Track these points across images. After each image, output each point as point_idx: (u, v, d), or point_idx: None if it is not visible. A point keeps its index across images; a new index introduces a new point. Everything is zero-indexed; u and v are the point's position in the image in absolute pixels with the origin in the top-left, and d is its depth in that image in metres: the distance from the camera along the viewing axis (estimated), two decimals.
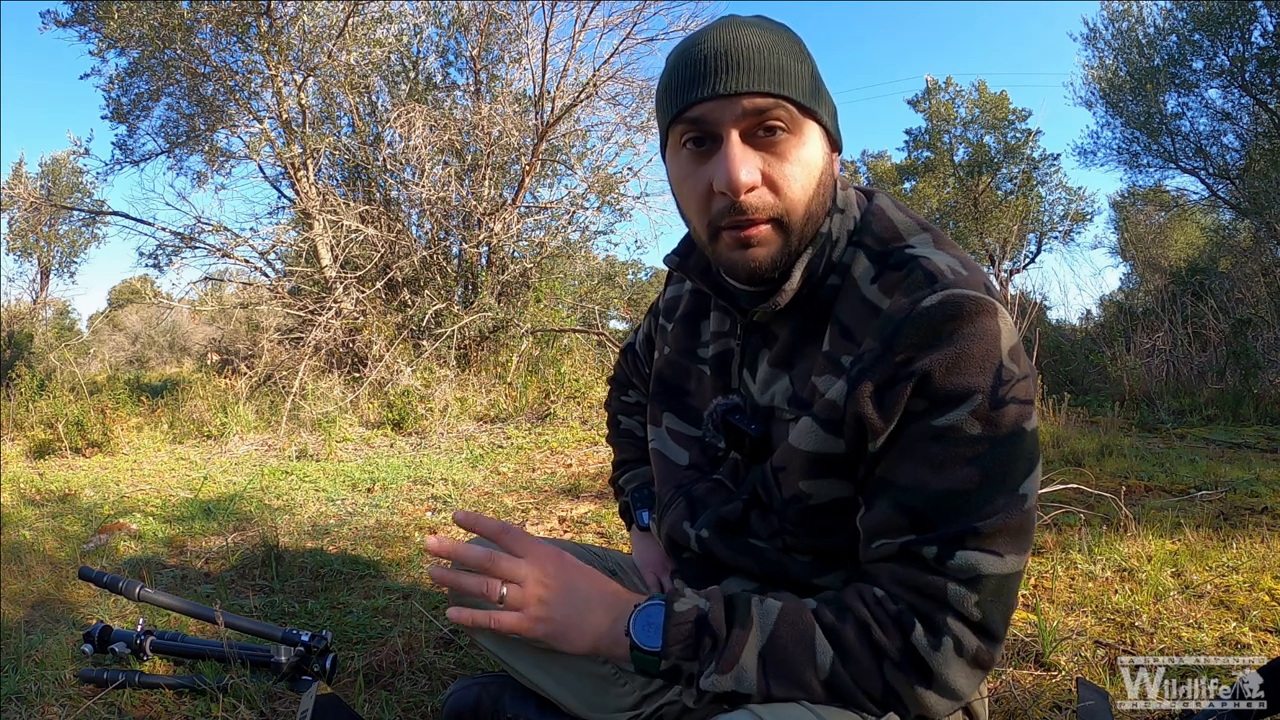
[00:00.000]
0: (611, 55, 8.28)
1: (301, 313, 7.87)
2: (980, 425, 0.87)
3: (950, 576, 0.87)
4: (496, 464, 4.80)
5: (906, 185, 23.77)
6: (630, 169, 9.43)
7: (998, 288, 0.99)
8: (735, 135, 0.94)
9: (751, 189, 0.94)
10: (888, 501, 0.92)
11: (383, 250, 8.02)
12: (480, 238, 8.36)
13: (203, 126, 9.46)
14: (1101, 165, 14.00)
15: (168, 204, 10.35)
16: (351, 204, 8.24)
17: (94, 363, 16.72)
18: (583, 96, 8.32)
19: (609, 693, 1.31)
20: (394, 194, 8.81)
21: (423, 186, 8.03)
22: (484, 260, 8.86)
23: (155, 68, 8.93)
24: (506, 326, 7.98)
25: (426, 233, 8.62)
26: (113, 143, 10.04)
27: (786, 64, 0.95)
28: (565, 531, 3.38)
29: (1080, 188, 22.38)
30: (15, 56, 45.77)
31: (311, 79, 8.60)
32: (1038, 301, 7.81)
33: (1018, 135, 21.71)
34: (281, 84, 8.62)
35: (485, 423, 6.34)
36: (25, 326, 12.95)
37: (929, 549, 0.88)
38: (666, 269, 1.29)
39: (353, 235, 8.02)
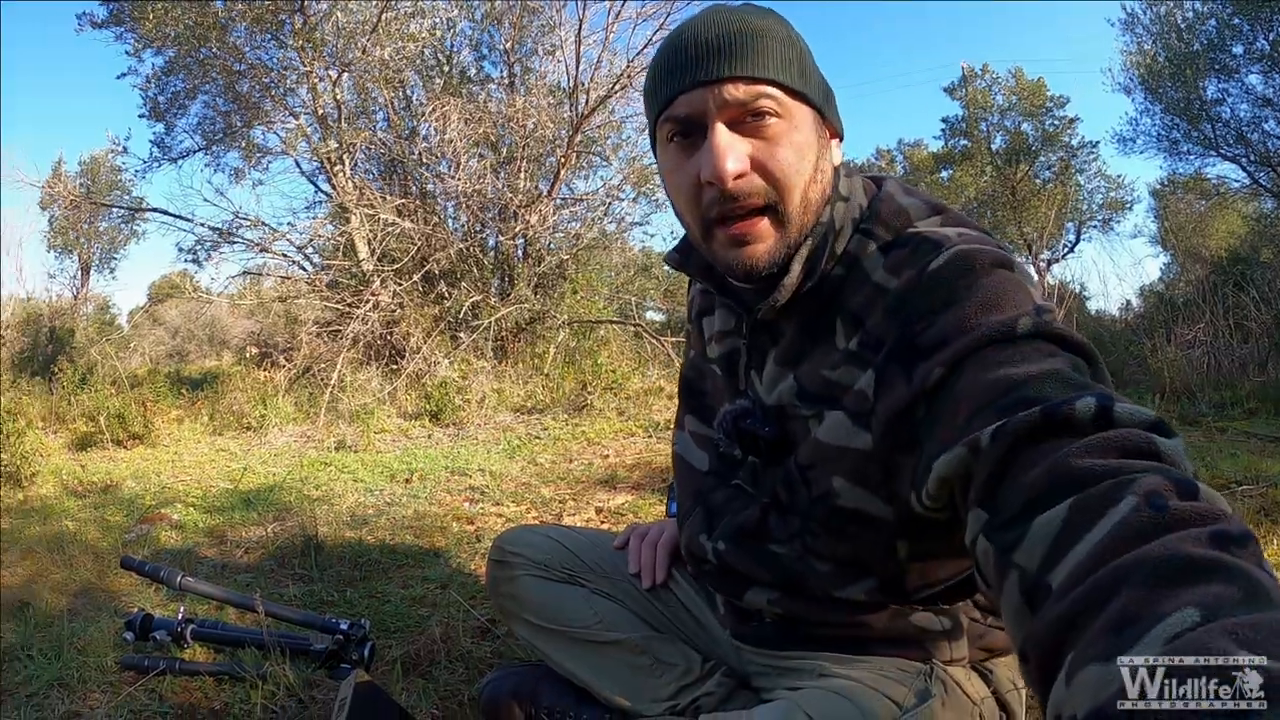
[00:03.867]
0: (645, 46, 8.23)
1: (339, 305, 7.94)
2: (1040, 340, 0.75)
3: (1135, 424, 0.62)
4: (534, 455, 4.80)
5: (944, 174, 23.36)
6: None
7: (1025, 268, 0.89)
8: (720, 124, 0.91)
9: (740, 176, 0.90)
10: (982, 410, 0.71)
11: (419, 243, 8.07)
12: (516, 230, 8.38)
13: (239, 123, 9.73)
14: (1141, 153, 13.60)
15: (206, 200, 10.58)
16: (388, 198, 8.31)
17: (135, 356, 17.07)
18: (616, 88, 8.30)
19: (646, 683, 1.30)
20: (430, 187, 8.86)
21: (458, 179, 8.06)
22: (520, 252, 8.89)
23: (191, 66, 9.16)
24: (543, 318, 8.00)
25: (463, 225, 8.66)
26: (150, 141, 10.35)
27: (771, 47, 0.92)
28: (602, 522, 3.37)
29: (1119, 176, 21.67)
30: (51, 56, 46.69)
31: (346, 74, 8.73)
32: (1076, 291, 7.65)
33: (1055, 122, 21.19)
34: (316, 80, 8.78)
35: (522, 414, 6.34)
36: (67, 322, 13.18)
37: (1083, 403, 0.63)
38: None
39: (389, 229, 8.08)
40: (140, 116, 10.07)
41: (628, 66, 8.30)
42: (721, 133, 0.90)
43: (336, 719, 1.37)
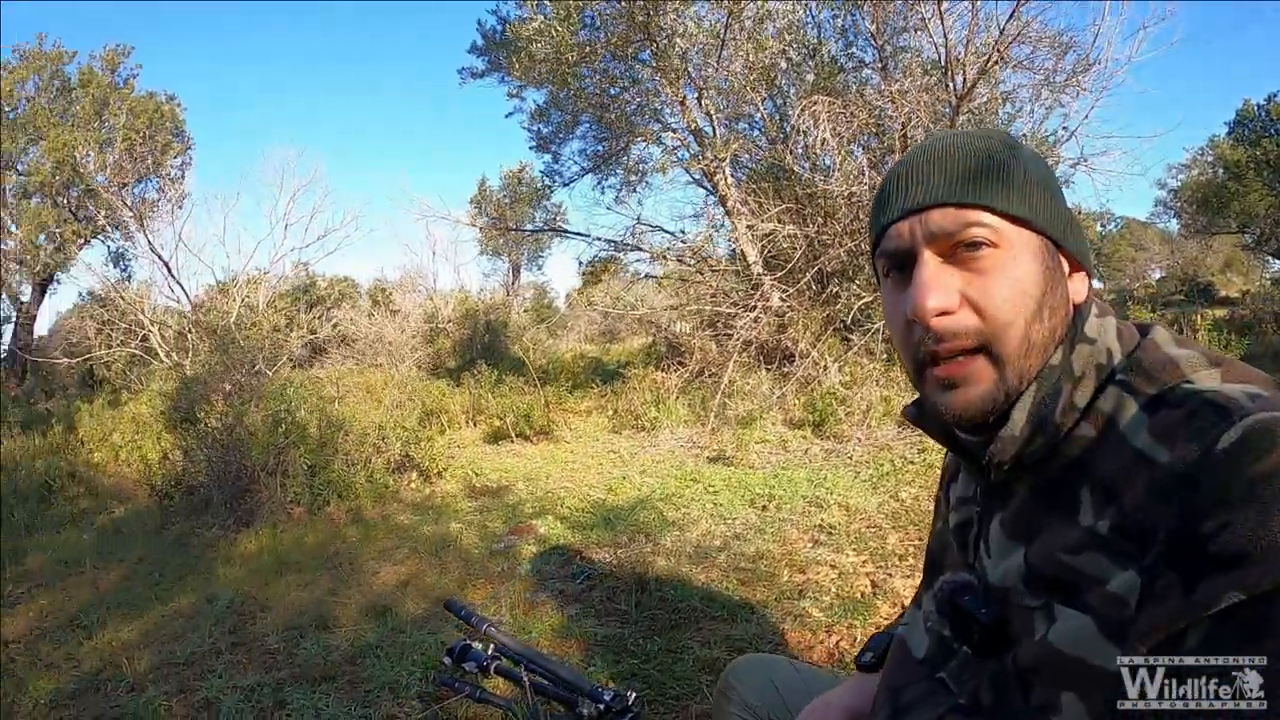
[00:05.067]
0: (1013, 11, 7.54)
1: (732, 309, 8.43)
2: None
3: None
4: (898, 487, 4.78)
5: None
6: (1065, 128, 8.55)
7: None
8: (928, 254, 0.88)
9: (944, 312, 0.86)
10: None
11: (802, 246, 8.26)
12: None
13: (618, 146, 11.26)
14: None
15: (609, 208, 12.26)
16: (769, 201, 8.62)
17: (570, 336, 19.50)
18: (991, 62, 7.71)
19: None
20: (810, 188, 9.03)
21: (835, 180, 8.10)
22: None
23: (565, 100, 10.83)
24: None
25: (847, 225, 8.70)
26: (541, 171, 12.69)
27: (988, 170, 0.88)
28: None
29: None
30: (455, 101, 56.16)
31: (714, 90, 9.45)
32: None
33: None
34: (683, 96, 9.66)
35: (905, 428, 6.29)
36: (500, 315, 15.71)
37: None
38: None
39: (773, 233, 8.40)
40: (530, 148, 12.24)
41: (999, 37, 7.66)
42: (927, 265, 0.87)
43: None
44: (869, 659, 1.32)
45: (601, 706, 2.23)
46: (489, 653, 2.61)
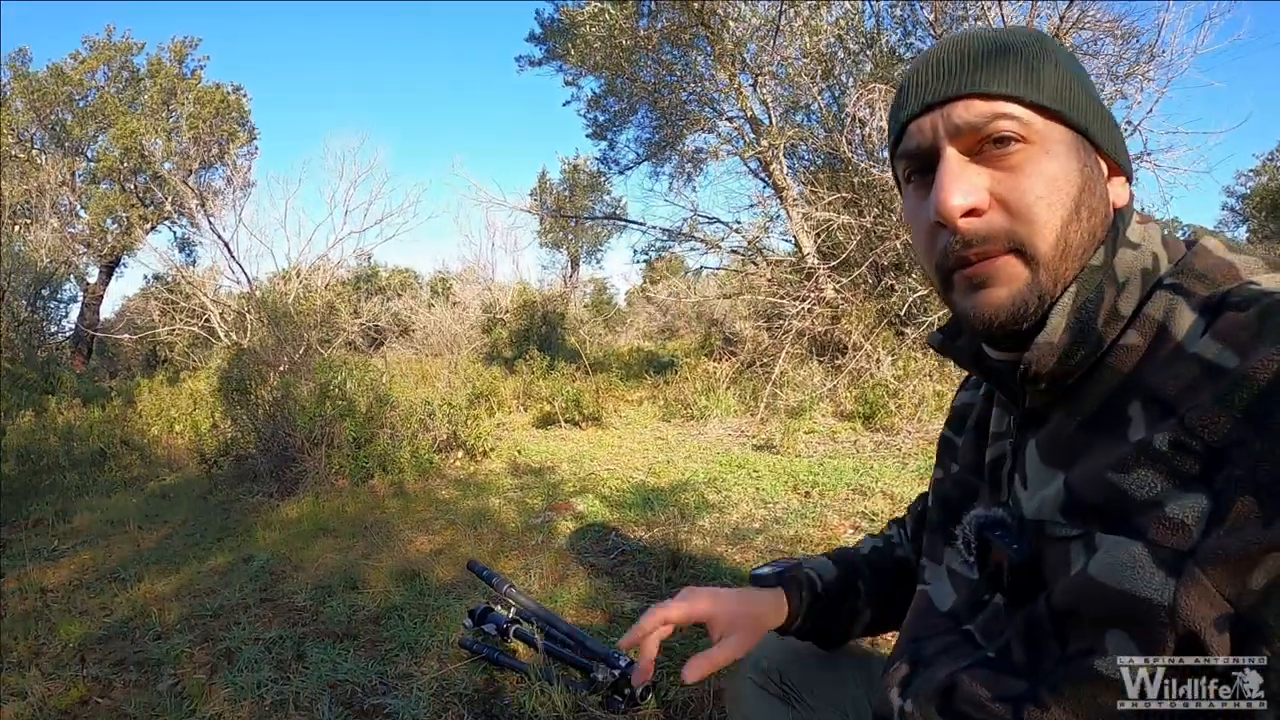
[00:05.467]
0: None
1: (784, 300, 8.36)
2: None
3: None
4: None
5: None
6: (1129, 122, 8.29)
7: None
8: (951, 151, 0.80)
9: (972, 212, 0.79)
10: None
11: (858, 236, 8.16)
12: None
13: (675, 133, 11.37)
14: None
15: (664, 199, 12.70)
16: (825, 191, 8.53)
17: (628, 332, 19.56)
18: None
19: None
20: (867, 178, 8.92)
21: (888, 170, 8.00)
22: None
23: (621, 87, 11.03)
24: None
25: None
26: (596, 158, 12.94)
27: (1016, 60, 0.80)
28: None
29: None
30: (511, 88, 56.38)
31: (762, 76, 9.48)
32: None
33: None
34: (739, 85, 9.73)
35: None
36: (558, 306, 16.11)
37: None
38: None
39: (829, 223, 8.30)
40: (586, 136, 12.85)
41: (1059, 24, 7.45)
42: (951, 161, 0.80)
43: None
44: (766, 572, 1.27)
45: (617, 673, 2.21)
46: (509, 616, 2.62)
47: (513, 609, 2.62)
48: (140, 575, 3.66)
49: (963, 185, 0.78)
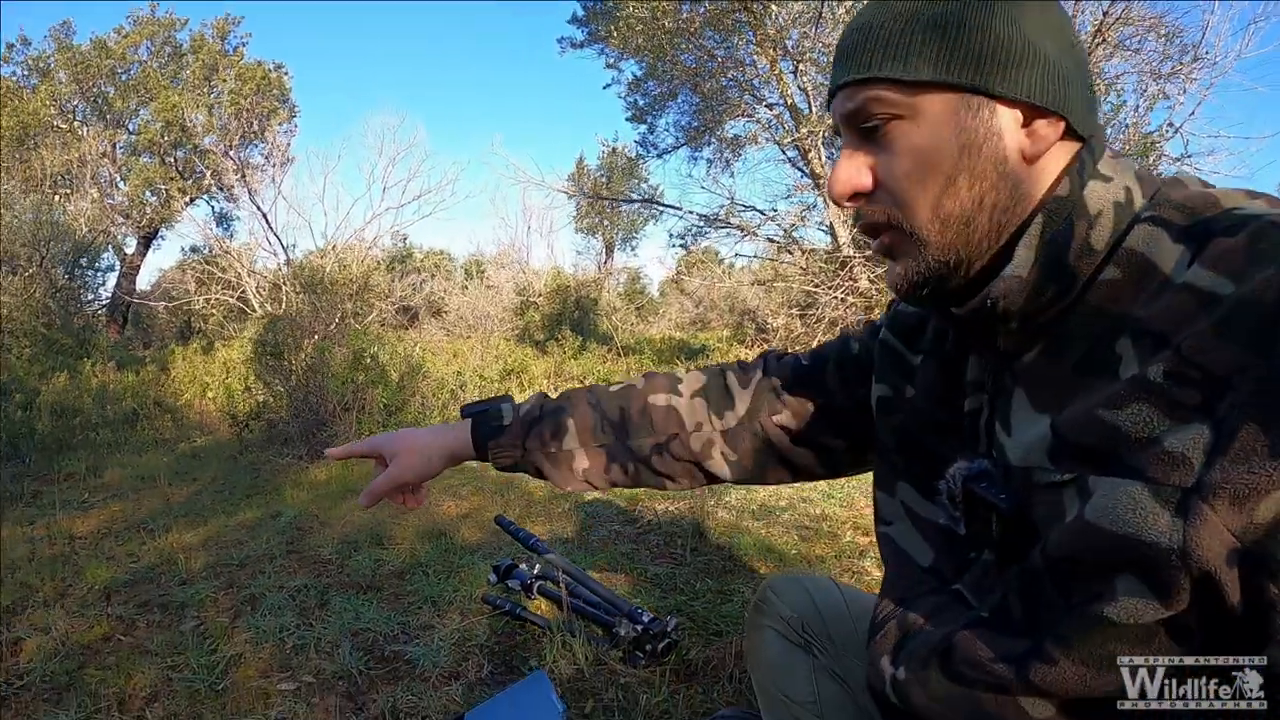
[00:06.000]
0: None
1: (818, 290, 8.32)
2: None
3: None
4: None
5: None
6: (1171, 124, 8.14)
7: None
8: (848, 137, 0.85)
9: (851, 196, 0.84)
10: None
11: None
12: None
13: (714, 119, 11.43)
14: None
15: (701, 185, 12.70)
16: None
17: (661, 322, 19.54)
18: (1094, 43, 7.40)
19: None
20: None
21: None
22: None
23: (662, 71, 11.09)
24: None
25: None
26: (635, 141, 13.09)
27: (878, 35, 0.79)
28: None
29: None
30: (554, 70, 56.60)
31: (804, 64, 9.45)
32: None
33: None
34: (780, 71, 9.75)
35: None
36: (591, 292, 16.35)
37: None
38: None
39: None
40: (626, 119, 12.60)
41: (1102, 19, 7.33)
42: (846, 148, 0.85)
43: None
44: (479, 410, 1.33)
45: (639, 628, 2.21)
46: (534, 573, 2.62)
47: (537, 566, 2.62)
48: (168, 527, 3.71)
49: (841, 174, 0.83)
